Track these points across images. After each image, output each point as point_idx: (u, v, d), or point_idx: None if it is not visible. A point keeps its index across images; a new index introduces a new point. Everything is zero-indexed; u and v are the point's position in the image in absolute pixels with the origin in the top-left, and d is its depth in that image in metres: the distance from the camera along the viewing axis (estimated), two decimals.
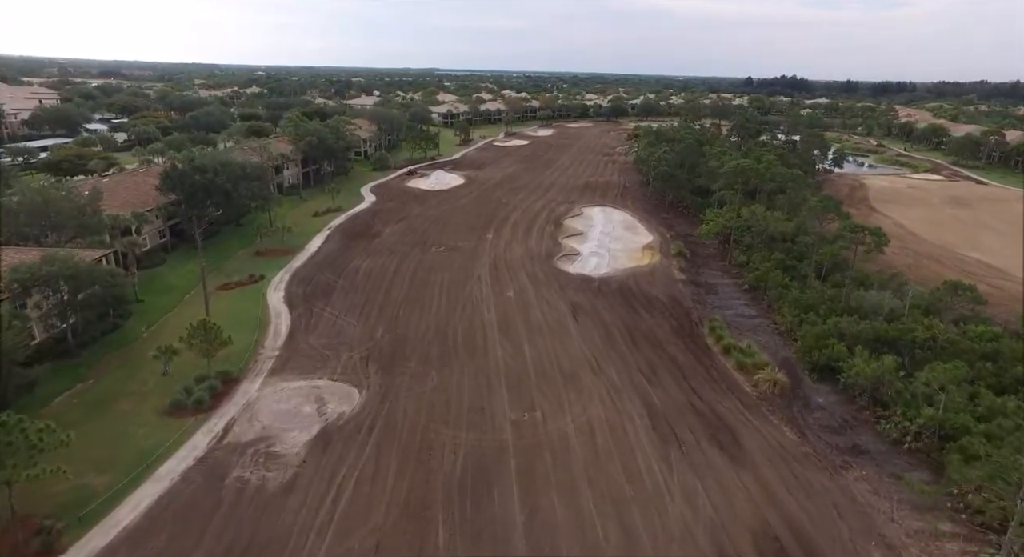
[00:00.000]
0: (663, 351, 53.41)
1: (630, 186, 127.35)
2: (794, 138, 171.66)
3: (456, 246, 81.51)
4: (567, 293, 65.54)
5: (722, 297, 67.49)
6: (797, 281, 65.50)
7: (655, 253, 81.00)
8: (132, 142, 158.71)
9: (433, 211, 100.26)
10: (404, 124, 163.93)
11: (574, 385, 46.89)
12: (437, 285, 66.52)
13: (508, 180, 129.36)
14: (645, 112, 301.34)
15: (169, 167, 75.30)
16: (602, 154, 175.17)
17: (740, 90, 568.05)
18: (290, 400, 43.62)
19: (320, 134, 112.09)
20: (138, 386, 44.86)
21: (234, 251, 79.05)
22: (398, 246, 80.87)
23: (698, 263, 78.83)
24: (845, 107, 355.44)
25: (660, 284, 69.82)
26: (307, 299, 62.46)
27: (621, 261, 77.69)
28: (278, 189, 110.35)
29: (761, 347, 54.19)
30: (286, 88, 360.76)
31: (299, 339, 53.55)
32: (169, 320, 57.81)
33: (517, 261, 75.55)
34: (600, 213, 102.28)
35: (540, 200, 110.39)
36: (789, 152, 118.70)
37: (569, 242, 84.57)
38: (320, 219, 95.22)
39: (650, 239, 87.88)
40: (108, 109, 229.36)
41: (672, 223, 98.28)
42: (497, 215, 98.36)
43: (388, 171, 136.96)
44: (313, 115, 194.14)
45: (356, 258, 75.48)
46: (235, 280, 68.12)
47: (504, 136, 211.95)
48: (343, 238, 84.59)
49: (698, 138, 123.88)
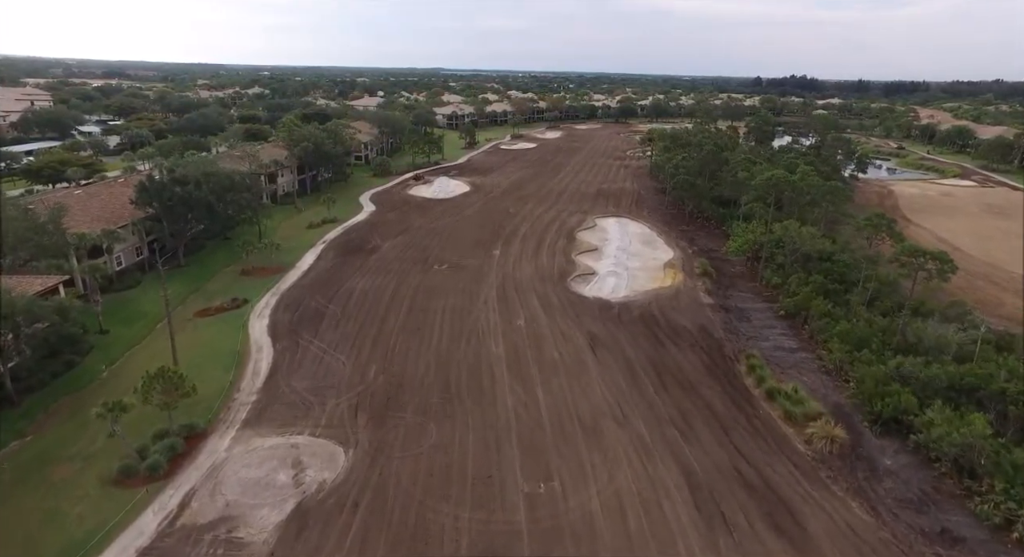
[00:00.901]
0: (697, 395, 46.47)
1: (645, 194, 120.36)
2: (811, 141, 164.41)
3: (460, 263, 74.73)
4: (584, 322, 58.64)
5: (756, 325, 60.41)
6: (839, 306, 58.50)
7: (678, 272, 73.98)
8: (125, 145, 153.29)
9: (436, 222, 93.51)
10: (407, 127, 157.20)
11: (597, 442, 40.01)
12: (439, 312, 59.72)
13: (516, 187, 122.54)
14: (655, 113, 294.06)
15: (146, 178, 68.72)
16: (613, 158, 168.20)
17: (750, 90, 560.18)
18: (263, 464, 36.90)
19: (316, 139, 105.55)
20: (85, 444, 38.24)
21: (219, 269, 72.50)
22: (397, 263, 74.15)
23: (725, 284, 71.76)
24: (860, 107, 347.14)
25: (686, 310, 62.83)
26: (293, 329, 55.77)
27: (641, 281, 70.73)
28: (272, 198, 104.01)
29: (808, 390, 47.19)
30: (288, 89, 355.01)
31: (280, 380, 46.86)
32: (136, 355, 51.25)
33: (527, 282, 68.68)
34: (615, 225, 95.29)
35: (550, 210, 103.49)
36: (815, 157, 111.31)
37: (583, 259, 77.64)
38: (315, 231, 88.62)
39: (671, 255, 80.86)
40: (105, 111, 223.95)
41: (693, 236, 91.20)
42: (505, 227, 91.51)
43: (390, 177, 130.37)
44: (314, 117, 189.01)
45: (350, 278, 68.78)
46: (215, 305, 61.50)
47: (511, 139, 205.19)
48: (338, 254, 77.92)
49: (716, 143, 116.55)
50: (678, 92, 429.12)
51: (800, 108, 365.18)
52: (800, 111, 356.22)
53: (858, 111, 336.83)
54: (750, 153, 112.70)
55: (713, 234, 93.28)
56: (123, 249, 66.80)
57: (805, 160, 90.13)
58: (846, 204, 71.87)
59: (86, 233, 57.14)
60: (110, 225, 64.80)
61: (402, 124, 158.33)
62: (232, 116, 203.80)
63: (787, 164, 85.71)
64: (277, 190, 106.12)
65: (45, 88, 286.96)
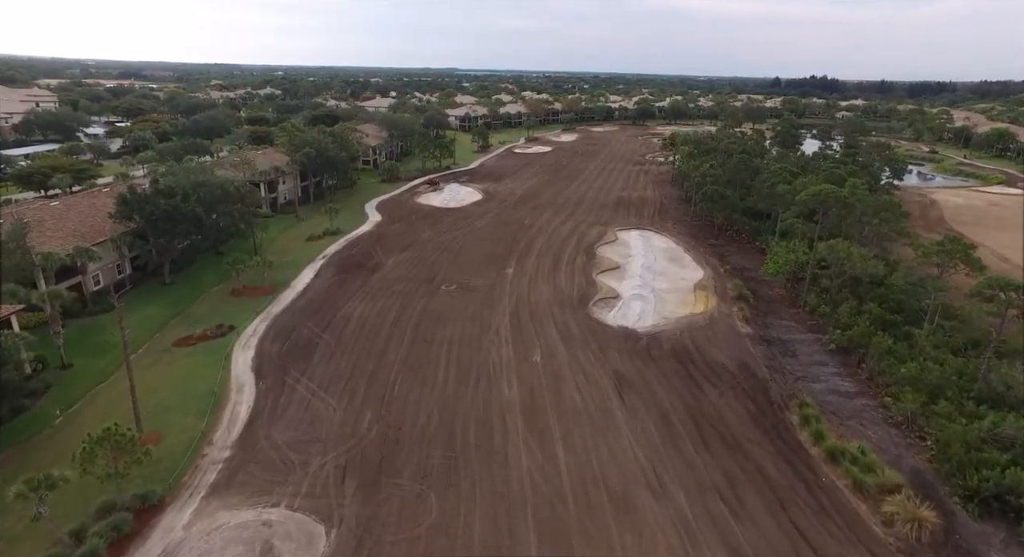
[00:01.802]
0: (744, 456, 39.50)
1: (668, 203, 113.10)
2: (837, 144, 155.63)
3: (470, 284, 68.18)
4: (608, 357, 51.80)
5: (803, 362, 53.21)
6: (900, 341, 51.13)
7: (710, 296, 66.88)
8: (128, 148, 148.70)
9: (445, 235, 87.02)
10: (417, 130, 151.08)
11: (629, 520, 33.22)
12: (445, 344, 53.16)
13: (531, 195, 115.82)
14: (673, 115, 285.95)
15: (127, 190, 62.92)
16: (632, 163, 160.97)
17: (769, 91, 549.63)
18: (225, 550, 30.53)
19: (319, 144, 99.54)
20: (12, 522, 32.08)
21: (207, 288, 66.53)
22: (401, 283, 67.76)
23: (764, 310, 64.55)
24: (885, 109, 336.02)
25: (723, 342, 55.75)
26: (281, 363, 49.50)
27: (670, 306, 63.73)
28: (272, 206, 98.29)
29: (877, 449, 40.05)
30: (300, 89, 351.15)
31: (260, 431, 40.55)
32: (100, 395, 45.24)
33: (544, 307, 61.95)
34: (638, 239, 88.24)
35: (568, 221, 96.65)
36: (853, 164, 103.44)
37: (605, 279, 70.75)
38: (315, 245, 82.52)
39: (701, 275, 73.72)
40: (113, 112, 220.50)
41: (723, 252, 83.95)
42: (519, 241, 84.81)
43: (398, 183, 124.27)
44: (323, 118, 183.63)
45: (349, 301, 62.46)
46: (198, 332, 55.40)
47: (525, 142, 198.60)
48: (337, 271, 71.68)
49: (744, 149, 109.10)
50: (696, 93, 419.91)
51: (823, 110, 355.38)
52: (823, 113, 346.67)
53: (884, 113, 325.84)
54: (783, 160, 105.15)
55: (745, 249, 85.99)
56: (101, 268, 60.99)
57: (847, 170, 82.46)
58: (902, 221, 64.28)
59: (52, 253, 51.24)
60: (86, 241, 59.04)
61: (412, 127, 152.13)
62: (240, 118, 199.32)
63: (828, 174, 78.17)
64: (277, 198, 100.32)
65: (57, 89, 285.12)
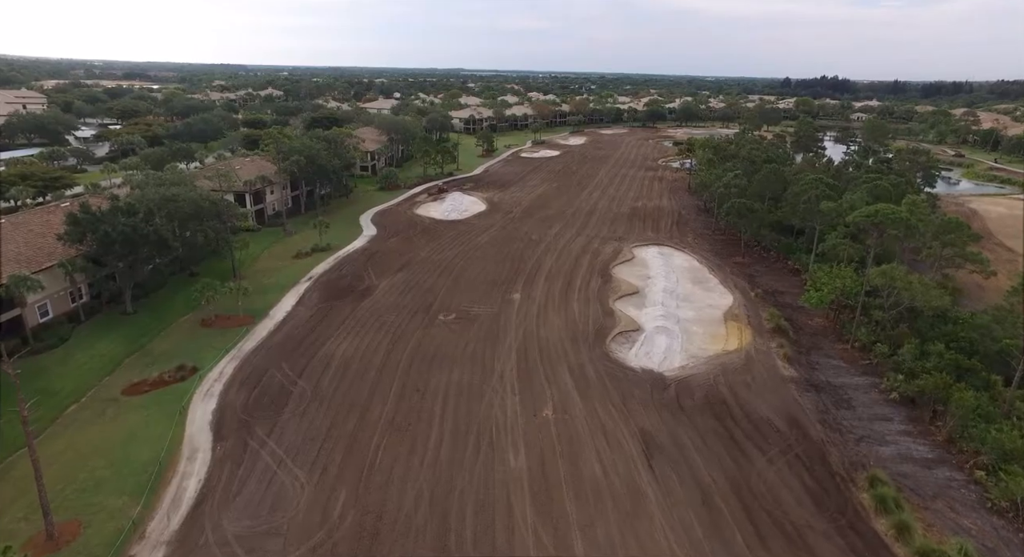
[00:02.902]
0: (809, 555, 31.47)
1: (686, 214, 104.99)
2: (855, 147, 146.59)
3: (471, 312, 60.33)
4: (632, 410, 43.86)
5: (863, 414, 45.09)
6: (980, 391, 43.00)
7: (743, 327, 58.80)
8: (116, 153, 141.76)
9: (445, 252, 79.18)
10: (418, 134, 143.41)
11: None
12: (439, 394, 45.30)
13: (538, 205, 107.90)
14: (684, 117, 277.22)
15: (78, 208, 55.34)
16: (644, 168, 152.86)
17: (779, 91, 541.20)
18: None
19: (310, 152, 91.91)
20: None
21: (174, 318, 58.91)
22: (392, 313, 59.97)
23: (806, 344, 56.39)
24: (903, 110, 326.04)
25: (765, 389, 47.69)
26: (245, 420, 41.78)
27: (699, 342, 55.69)
28: (258, 218, 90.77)
29: (982, 549, 31.86)
30: (302, 91, 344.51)
31: (207, 519, 32.78)
32: (18, 465, 37.46)
33: (555, 343, 53.98)
34: (657, 257, 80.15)
35: (579, 236, 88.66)
36: (890, 173, 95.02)
37: (623, 307, 62.76)
38: (302, 263, 74.89)
39: (730, 300, 65.66)
40: (107, 114, 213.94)
41: (751, 272, 75.80)
42: (526, 260, 76.87)
43: (397, 191, 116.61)
44: (323, 121, 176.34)
45: (333, 336, 54.69)
46: (154, 376, 47.68)
47: (532, 145, 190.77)
48: (323, 297, 63.96)
49: (769, 157, 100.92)
50: (706, 94, 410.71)
51: (838, 111, 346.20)
52: (838, 114, 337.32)
53: (902, 114, 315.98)
54: (813, 170, 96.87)
55: (775, 269, 77.83)
56: (49, 297, 53.45)
57: (890, 181, 74.08)
58: (970, 245, 56.00)
59: None
60: (32, 266, 51.58)
61: (413, 130, 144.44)
62: (237, 120, 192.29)
63: (872, 188, 69.87)
64: (265, 209, 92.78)
65: (55, 90, 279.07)
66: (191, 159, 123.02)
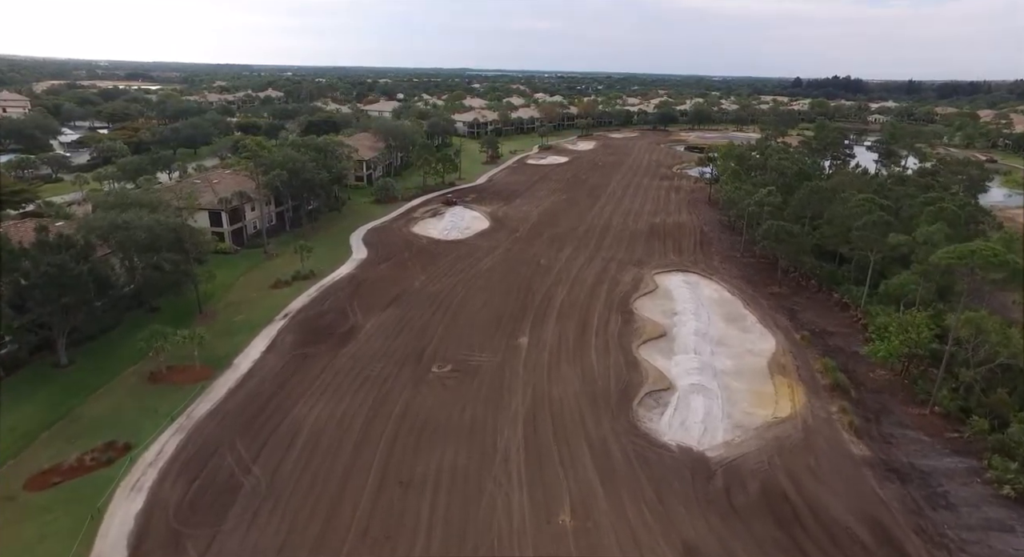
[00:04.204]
0: None
1: (709, 231, 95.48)
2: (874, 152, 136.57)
3: (470, 363, 51.10)
4: (671, 510, 34.54)
5: (968, 519, 35.49)
6: None
7: (793, 383, 49.34)
8: (97, 160, 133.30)
9: (442, 281, 69.97)
10: (418, 141, 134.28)
11: None
12: (428, 486, 36.07)
13: (547, 221, 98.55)
14: (696, 120, 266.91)
15: None
16: (659, 177, 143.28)
17: (790, 92, 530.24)
18: None
19: (295, 165, 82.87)
20: None
21: (120, 369, 49.87)
22: (378, 362, 50.81)
23: (871, 407, 46.85)
24: (922, 111, 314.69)
25: (834, 476, 38.26)
26: (177, 530, 32.66)
27: (743, 404, 46.29)
28: (236, 239, 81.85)
29: None
30: (303, 92, 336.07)
31: None
32: None
33: (571, 408, 44.68)
34: (683, 286, 70.67)
35: (593, 259, 79.26)
36: (938, 187, 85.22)
37: (650, 355, 53.36)
38: (279, 295, 65.87)
39: (773, 345, 56.18)
40: (97, 117, 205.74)
41: (791, 305, 66.30)
42: (534, 291, 67.56)
43: (394, 204, 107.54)
44: (320, 125, 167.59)
45: (304, 396, 45.55)
46: (71, 460, 38.21)
47: (539, 151, 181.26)
48: (298, 341, 54.82)
49: (802, 169, 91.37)
50: (716, 95, 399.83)
51: (854, 113, 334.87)
52: (854, 116, 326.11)
53: (922, 116, 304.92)
54: (850, 180, 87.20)
55: (818, 301, 68.29)
56: None
57: (955, 202, 64.36)
58: None
59: None
60: None
61: (413, 137, 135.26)
62: (230, 124, 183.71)
63: (936, 212, 60.14)
64: (245, 228, 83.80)
65: (48, 92, 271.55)
66: (174, 168, 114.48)
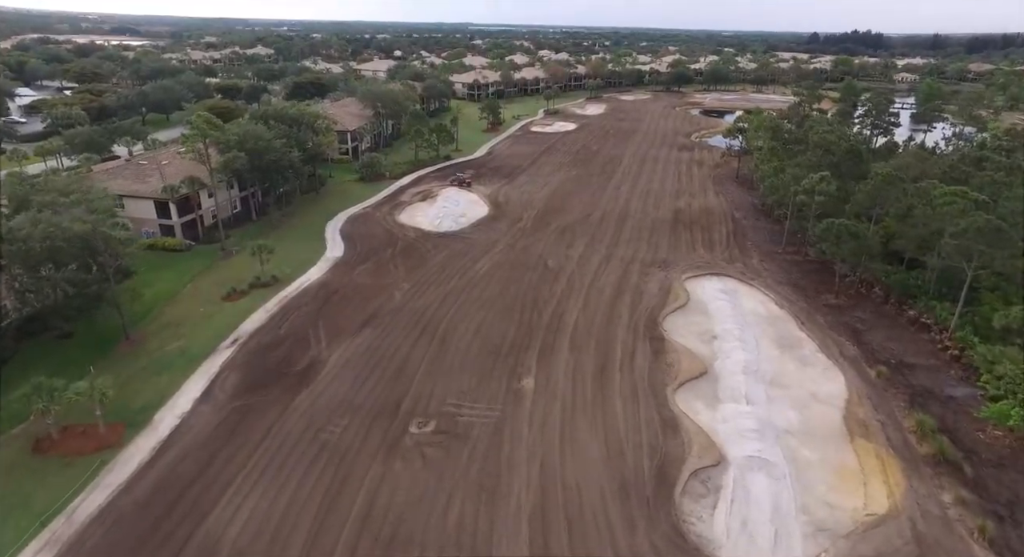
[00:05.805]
0: None
1: (741, 218, 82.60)
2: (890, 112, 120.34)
3: (459, 417, 39.46)
4: None
5: None
6: None
7: (881, 451, 37.61)
8: (52, 129, 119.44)
9: (429, 292, 57.78)
10: (409, 108, 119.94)
11: None
12: None
13: (554, 206, 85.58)
14: (713, 80, 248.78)
15: None
16: (677, 146, 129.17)
17: (806, 47, 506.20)
18: None
19: (257, 143, 69.70)
20: None
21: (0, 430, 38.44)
22: (340, 414, 39.24)
23: (996, 494, 35.28)
24: (955, 69, 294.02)
25: None
26: None
27: (820, 488, 34.66)
28: (188, 233, 69.40)
29: None
30: (293, 49, 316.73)
31: None
32: None
33: (592, 507, 33.07)
34: (721, 297, 58.32)
35: (611, 259, 66.76)
36: None
37: (689, 406, 41.51)
38: (232, 310, 53.98)
39: (842, 385, 44.32)
40: (65, 76, 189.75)
41: (853, 322, 54.08)
42: (541, 307, 55.32)
43: (382, 182, 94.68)
44: (307, 87, 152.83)
45: (232, 483, 34.00)
46: None
47: (544, 116, 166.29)
48: (241, 387, 43.01)
49: (853, 147, 77.62)
50: (731, 52, 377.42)
51: (880, 71, 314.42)
52: (880, 75, 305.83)
53: (954, 74, 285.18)
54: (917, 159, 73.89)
55: (886, 316, 55.97)
56: None
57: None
58: None
59: None
60: None
61: (404, 104, 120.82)
62: (209, 86, 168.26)
63: None
64: (199, 220, 71.24)
65: (16, 47, 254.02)
66: (130, 141, 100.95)
